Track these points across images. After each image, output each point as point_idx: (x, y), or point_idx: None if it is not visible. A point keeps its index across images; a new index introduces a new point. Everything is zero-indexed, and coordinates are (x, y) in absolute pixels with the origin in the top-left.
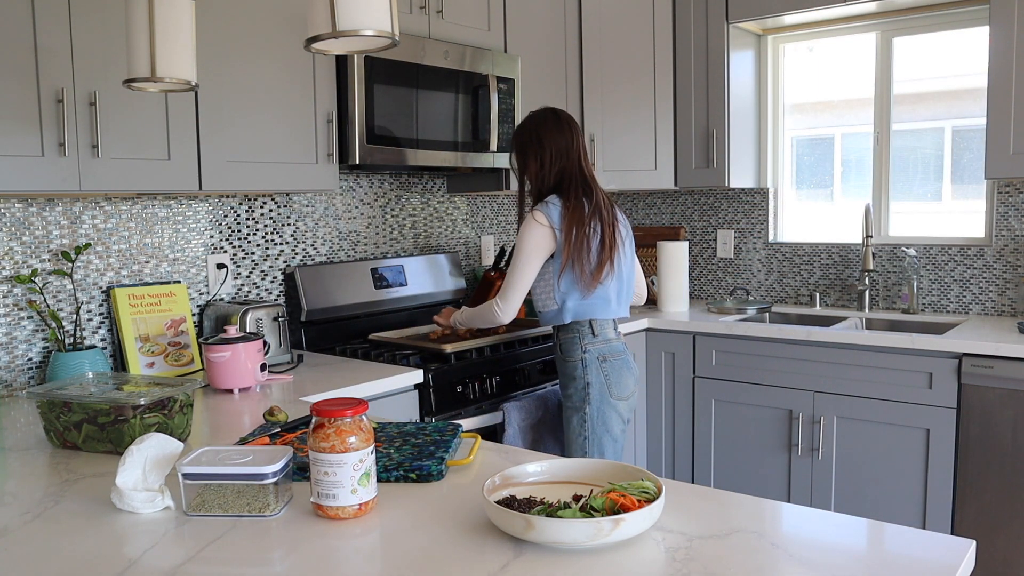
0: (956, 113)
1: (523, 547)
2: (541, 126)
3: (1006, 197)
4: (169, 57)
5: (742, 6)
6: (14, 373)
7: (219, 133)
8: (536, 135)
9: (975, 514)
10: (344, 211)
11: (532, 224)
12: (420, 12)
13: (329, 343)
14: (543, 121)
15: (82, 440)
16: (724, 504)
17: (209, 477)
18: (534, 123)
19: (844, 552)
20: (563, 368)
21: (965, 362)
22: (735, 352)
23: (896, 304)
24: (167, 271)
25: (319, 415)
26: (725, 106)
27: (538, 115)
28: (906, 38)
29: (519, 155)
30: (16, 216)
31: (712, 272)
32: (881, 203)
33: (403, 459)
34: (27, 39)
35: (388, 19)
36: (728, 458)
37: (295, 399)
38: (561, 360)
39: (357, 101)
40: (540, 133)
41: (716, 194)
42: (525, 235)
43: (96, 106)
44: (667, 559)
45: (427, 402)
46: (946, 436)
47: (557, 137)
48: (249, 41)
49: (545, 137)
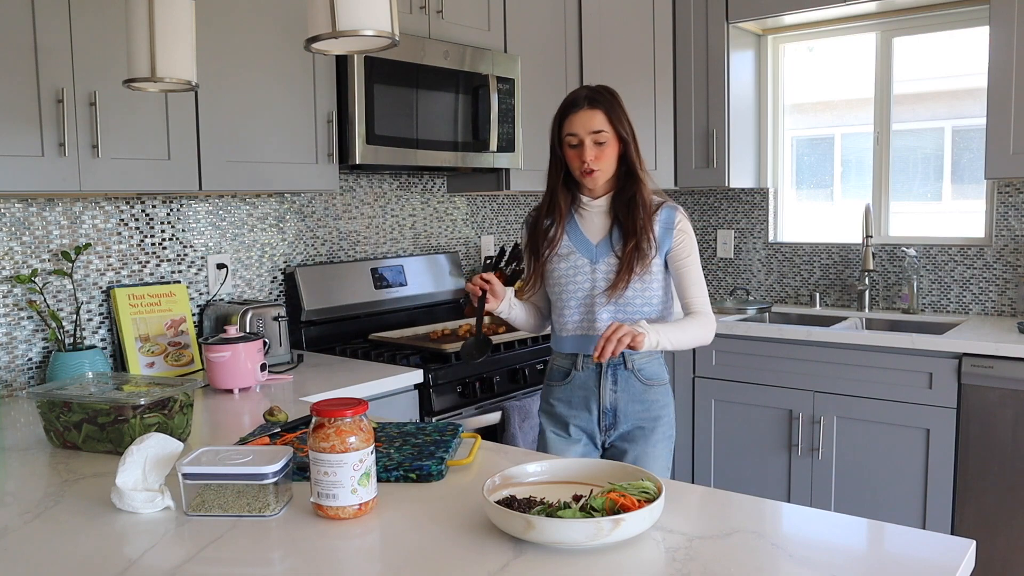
0: (956, 113)
1: (523, 547)
2: None
3: (1006, 197)
4: (169, 57)
5: (742, 6)
6: (14, 373)
7: (219, 133)
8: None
9: (975, 514)
10: (344, 211)
11: (689, 222)
12: (420, 12)
13: (329, 343)
14: None
15: (82, 440)
16: (724, 504)
17: (209, 477)
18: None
19: (844, 552)
20: (650, 394)
21: (965, 362)
22: (735, 352)
23: (896, 304)
24: (167, 271)
25: (319, 415)
26: (725, 106)
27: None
28: (906, 38)
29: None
30: (16, 216)
31: (712, 272)
32: (881, 203)
33: (403, 459)
34: (27, 39)
35: (388, 19)
36: (728, 458)
37: (295, 399)
38: (645, 385)
39: (357, 101)
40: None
41: (716, 194)
42: (691, 231)
43: (96, 106)
44: (667, 559)
45: (427, 402)
46: (946, 436)
47: None
48: (249, 41)
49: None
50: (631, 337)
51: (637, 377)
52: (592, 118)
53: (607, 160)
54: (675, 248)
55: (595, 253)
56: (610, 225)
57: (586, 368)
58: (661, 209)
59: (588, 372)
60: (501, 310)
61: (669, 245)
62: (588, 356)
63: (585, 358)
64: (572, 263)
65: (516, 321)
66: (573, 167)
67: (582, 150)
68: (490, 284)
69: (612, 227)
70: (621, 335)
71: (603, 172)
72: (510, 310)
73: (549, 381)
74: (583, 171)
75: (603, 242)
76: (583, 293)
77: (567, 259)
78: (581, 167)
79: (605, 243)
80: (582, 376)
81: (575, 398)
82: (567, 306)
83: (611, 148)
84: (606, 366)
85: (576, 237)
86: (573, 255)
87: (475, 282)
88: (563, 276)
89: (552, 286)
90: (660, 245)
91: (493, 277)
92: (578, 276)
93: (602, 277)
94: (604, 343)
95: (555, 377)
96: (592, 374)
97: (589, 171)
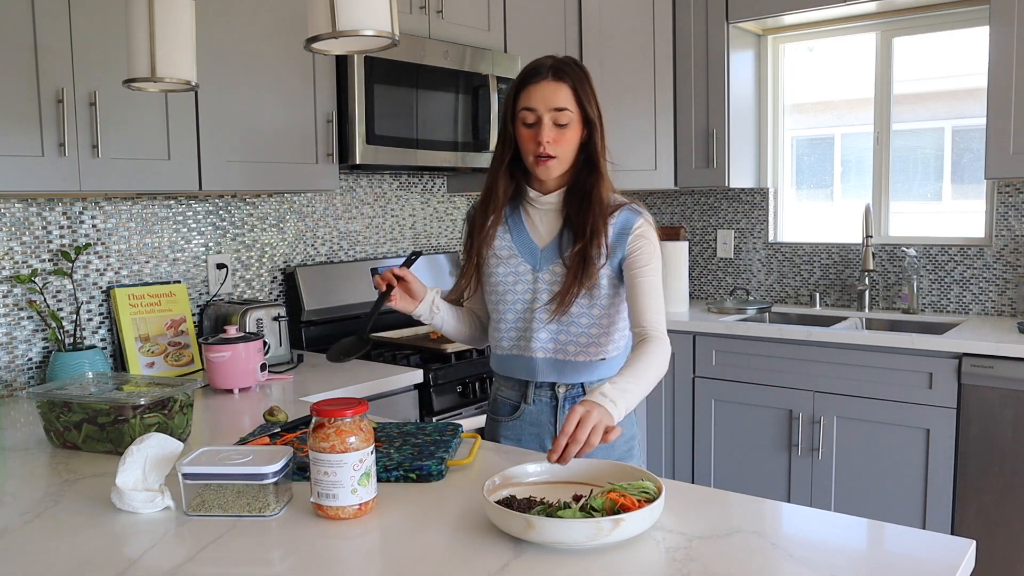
0: (956, 113)
1: (523, 547)
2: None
3: (1006, 197)
4: (169, 57)
5: (742, 6)
6: (14, 373)
7: (219, 133)
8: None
9: (975, 514)
10: (344, 211)
11: (653, 223)
12: (420, 12)
13: (329, 343)
14: None
15: (82, 440)
16: (724, 504)
17: (209, 477)
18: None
19: (844, 552)
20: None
21: (965, 362)
22: (735, 352)
23: (896, 304)
24: (167, 271)
25: (319, 415)
26: (725, 106)
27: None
28: (906, 38)
29: (597, 102)
30: (16, 216)
31: (712, 272)
32: (881, 203)
33: (403, 459)
34: (27, 39)
35: (388, 19)
36: (728, 458)
37: (295, 399)
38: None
39: (357, 101)
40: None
41: (716, 194)
42: (656, 236)
43: (96, 106)
44: (667, 559)
45: (427, 402)
46: (946, 436)
47: None
48: (249, 41)
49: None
50: (603, 430)
51: None
52: (556, 92)
53: (567, 146)
54: (630, 255)
55: (539, 259)
56: (561, 226)
57: (537, 400)
58: (620, 211)
59: (540, 405)
60: (419, 313)
61: (623, 252)
62: (540, 386)
63: (538, 388)
64: (512, 268)
65: (444, 329)
66: (525, 150)
67: (539, 130)
68: (403, 280)
69: (563, 229)
70: (589, 434)
71: (560, 161)
72: (432, 315)
73: (494, 414)
74: (536, 156)
75: (551, 246)
76: (522, 306)
77: (507, 263)
78: (536, 150)
79: (553, 248)
80: (533, 410)
81: (525, 435)
82: (503, 319)
83: (573, 132)
84: (563, 397)
85: (520, 238)
86: (514, 259)
87: (384, 276)
88: (500, 283)
89: (489, 294)
90: (612, 252)
91: (408, 273)
92: (518, 285)
93: (544, 288)
94: (569, 444)
95: (501, 411)
96: (545, 407)
97: (544, 157)
